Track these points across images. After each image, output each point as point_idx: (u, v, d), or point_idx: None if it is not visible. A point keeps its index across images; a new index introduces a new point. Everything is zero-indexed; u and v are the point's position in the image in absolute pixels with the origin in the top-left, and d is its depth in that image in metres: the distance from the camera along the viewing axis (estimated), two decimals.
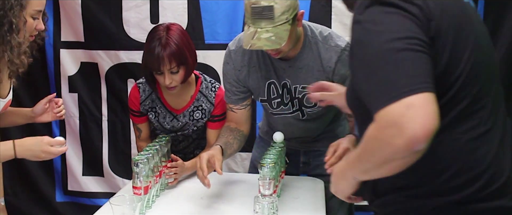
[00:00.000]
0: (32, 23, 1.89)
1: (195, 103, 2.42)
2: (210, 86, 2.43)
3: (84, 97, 3.27)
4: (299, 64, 2.13)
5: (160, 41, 2.20)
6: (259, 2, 1.87)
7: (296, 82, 2.17)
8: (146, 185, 1.89)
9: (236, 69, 2.22)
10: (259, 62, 2.19)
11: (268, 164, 1.87)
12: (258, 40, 1.88)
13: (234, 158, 3.19)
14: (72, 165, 3.34)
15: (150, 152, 1.97)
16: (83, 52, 3.21)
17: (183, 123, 2.43)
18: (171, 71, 2.22)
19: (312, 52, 2.10)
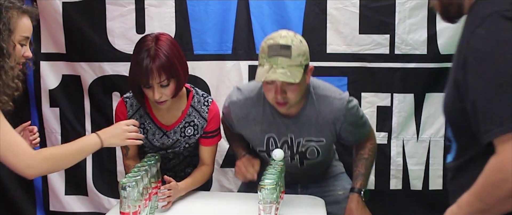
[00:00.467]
0: (20, 49, 1.83)
1: (187, 119, 2.27)
2: (202, 101, 2.29)
3: (66, 112, 3.09)
4: (302, 120, 2.16)
5: (149, 52, 2.05)
6: (277, 41, 1.97)
7: (300, 136, 2.20)
8: (135, 210, 1.73)
9: (233, 119, 2.25)
10: (260, 117, 2.20)
11: (269, 185, 1.72)
12: (273, 73, 1.93)
13: (225, 174, 3.04)
14: (53, 183, 3.16)
15: (138, 174, 1.81)
16: (64, 64, 3.04)
17: (173, 140, 2.28)
18: (160, 84, 2.08)
19: (315, 107, 2.14)
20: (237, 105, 2.23)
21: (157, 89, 2.08)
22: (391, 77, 2.92)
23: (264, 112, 2.19)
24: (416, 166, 3.02)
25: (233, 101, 2.25)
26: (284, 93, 2.00)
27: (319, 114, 2.15)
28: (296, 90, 2.00)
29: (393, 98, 2.94)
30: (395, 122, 2.96)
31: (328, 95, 2.16)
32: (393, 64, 2.90)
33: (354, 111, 2.18)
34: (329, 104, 2.14)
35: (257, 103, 2.21)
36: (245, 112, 2.22)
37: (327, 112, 2.14)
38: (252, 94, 2.23)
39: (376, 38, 2.88)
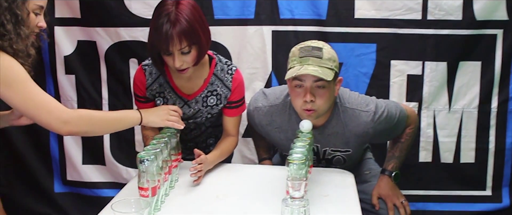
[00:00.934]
0: (34, 18, 1.75)
1: (209, 88, 2.14)
2: (226, 69, 2.16)
3: (82, 79, 2.99)
4: (328, 131, 2.11)
5: (169, 17, 1.91)
6: (308, 44, 1.96)
7: (326, 146, 2.16)
8: (154, 185, 1.62)
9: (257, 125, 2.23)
10: (285, 126, 2.15)
11: (298, 161, 1.59)
12: (305, 70, 1.88)
13: (247, 144, 2.93)
14: (71, 153, 3.08)
15: (157, 146, 1.70)
16: (80, 30, 2.91)
17: (195, 110, 2.16)
18: (181, 51, 1.94)
19: (341, 119, 2.09)
20: (261, 112, 2.18)
21: (178, 57, 1.95)
22: (423, 45, 2.76)
23: (289, 120, 2.13)
24: (447, 138, 2.88)
25: (258, 107, 2.19)
26: (313, 97, 1.92)
27: (346, 126, 2.09)
28: (325, 96, 1.94)
29: (425, 66, 2.79)
30: (426, 92, 2.81)
31: (354, 108, 2.08)
32: (425, 30, 2.75)
33: (382, 120, 2.08)
34: (356, 118, 2.08)
35: (282, 111, 2.15)
36: (269, 119, 2.17)
37: (354, 125, 2.08)
38: (277, 101, 2.16)
39: (407, 2, 2.72)
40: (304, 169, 1.62)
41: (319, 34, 2.76)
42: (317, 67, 1.89)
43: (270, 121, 2.16)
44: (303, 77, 1.91)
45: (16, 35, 1.68)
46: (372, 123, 2.06)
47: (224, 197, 1.85)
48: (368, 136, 2.10)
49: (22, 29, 1.69)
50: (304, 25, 2.79)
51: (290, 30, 2.79)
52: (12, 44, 1.66)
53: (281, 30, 2.79)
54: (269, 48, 2.82)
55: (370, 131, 2.07)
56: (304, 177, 1.58)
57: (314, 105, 1.93)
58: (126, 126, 1.94)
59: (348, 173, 2.10)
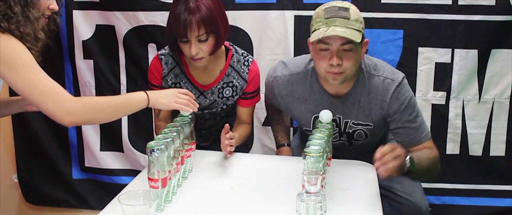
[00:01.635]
0: (45, 1, 1.70)
1: (225, 79, 2.10)
2: (242, 60, 2.12)
3: (100, 64, 2.93)
4: (352, 100, 2.01)
5: (188, 3, 1.89)
6: (334, 4, 1.85)
7: (348, 117, 2.06)
8: (165, 177, 1.55)
9: (277, 96, 2.11)
10: (306, 95, 2.05)
11: (315, 153, 1.50)
12: (332, 31, 1.78)
13: (267, 133, 2.85)
14: (89, 139, 3.05)
15: (169, 135, 1.62)
16: (98, 14, 2.85)
17: (211, 101, 2.12)
18: (199, 39, 1.92)
19: (365, 87, 1.99)
20: (281, 81, 2.08)
21: (195, 44, 1.92)
22: (452, 31, 2.63)
23: (311, 89, 2.03)
24: (477, 129, 2.76)
25: (277, 76, 2.09)
26: (340, 60, 1.81)
27: (369, 94, 1.98)
28: (352, 59, 1.83)
29: (454, 54, 2.66)
30: (455, 81, 2.69)
31: (380, 75, 1.97)
32: (455, 16, 2.61)
33: (404, 98, 1.95)
34: (379, 85, 1.97)
35: (303, 80, 2.04)
36: (290, 88, 2.07)
37: (376, 93, 1.97)
38: (298, 70, 2.06)
39: None
40: (322, 162, 1.53)
41: None
42: (344, 29, 1.78)
43: (290, 90, 2.06)
44: (329, 40, 1.80)
45: (24, 17, 1.62)
46: (392, 91, 1.93)
47: (238, 190, 1.77)
48: (385, 107, 1.96)
49: (31, 12, 1.64)
50: None
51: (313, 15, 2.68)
52: (20, 27, 1.61)
53: (304, 15, 2.68)
54: (291, 34, 2.72)
55: (387, 101, 1.95)
56: (321, 171, 1.49)
57: (341, 68, 1.83)
58: (133, 109, 1.85)
59: (370, 166, 1.99)
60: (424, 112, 2.68)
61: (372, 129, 2.06)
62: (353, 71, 1.89)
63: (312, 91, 2.03)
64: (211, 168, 1.96)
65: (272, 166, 2.05)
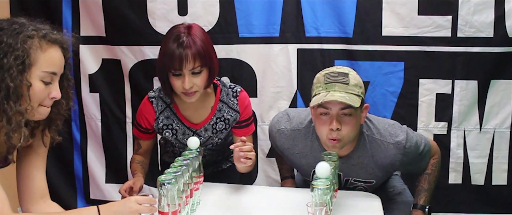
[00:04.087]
0: (41, 88, 1.45)
1: (217, 115, 2.13)
2: (231, 93, 2.14)
3: (106, 98, 2.99)
4: (353, 161, 2.04)
5: (183, 37, 1.93)
6: (334, 69, 1.90)
7: (349, 175, 2.09)
8: (175, 210, 1.57)
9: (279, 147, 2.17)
10: (307, 151, 2.08)
11: (323, 185, 1.54)
12: (331, 96, 1.81)
13: (271, 164, 2.88)
14: (94, 171, 3.07)
15: (178, 169, 1.66)
16: (104, 48, 2.92)
17: (205, 138, 2.15)
18: (193, 71, 1.93)
19: (367, 150, 2.01)
20: (284, 135, 2.12)
21: (189, 78, 1.93)
22: (452, 63, 2.68)
23: (312, 147, 2.06)
24: (478, 159, 2.79)
25: (280, 130, 2.13)
26: (339, 125, 1.84)
27: (372, 157, 2.02)
28: (351, 124, 1.87)
29: (454, 85, 2.71)
30: (456, 111, 2.73)
31: (383, 140, 2.00)
32: (455, 48, 2.67)
33: (411, 152, 2.02)
34: (384, 150, 2.00)
35: (305, 137, 2.08)
36: (291, 143, 2.10)
37: (381, 157, 2.01)
38: (301, 126, 2.10)
39: (436, 19, 2.64)
40: (329, 194, 1.56)
41: (345, 52, 2.71)
42: (344, 94, 1.81)
43: (291, 144, 2.10)
44: (329, 105, 1.84)
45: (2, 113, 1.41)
46: (400, 156, 1.99)
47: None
48: (394, 168, 2.04)
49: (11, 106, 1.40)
50: (330, 43, 2.73)
51: (316, 48, 2.74)
52: None
53: (306, 48, 2.74)
54: (294, 67, 2.77)
55: (397, 163, 2.00)
56: (325, 203, 1.52)
57: (340, 134, 1.86)
58: None
59: (375, 197, 2.03)
60: None
61: (373, 185, 2.10)
62: (352, 136, 1.91)
63: (313, 148, 2.06)
64: (218, 200, 1.99)
65: (278, 197, 2.07)
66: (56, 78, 1.51)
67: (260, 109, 2.83)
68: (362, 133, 2.00)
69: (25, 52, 1.41)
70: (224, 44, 2.77)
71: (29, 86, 1.42)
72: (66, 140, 3.00)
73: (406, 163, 2.03)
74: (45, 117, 1.52)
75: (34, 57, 1.43)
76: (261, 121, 2.83)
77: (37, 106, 1.47)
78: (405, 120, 2.62)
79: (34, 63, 1.43)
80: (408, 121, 2.66)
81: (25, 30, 1.44)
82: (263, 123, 2.82)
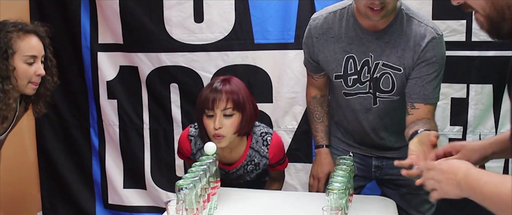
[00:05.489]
0: (26, 69, 1.94)
1: (247, 159, 2.18)
2: (260, 141, 2.18)
3: (123, 104, 3.03)
4: (387, 38, 2.01)
5: (220, 80, 2.06)
6: None
7: (379, 58, 2.04)
8: (193, 214, 1.61)
9: (313, 37, 2.11)
10: (341, 33, 2.06)
11: (338, 189, 1.56)
12: None
13: (288, 169, 2.88)
14: (112, 176, 3.12)
15: (196, 174, 1.69)
16: (122, 55, 2.97)
17: (237, 175, 2.21)
18: (224, 113, 2.00)
19: (402, 27, 1.99)
20: (318, 20, 2.12)
21: (219, 118, 2.00)
22: (467, 67, 2.68)
23: (347, 26, 2.05)
24: (494, 163, 2.74)
25: (314, 17, 2.14)
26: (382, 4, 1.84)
27: (405, 35, 1.99)
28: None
29: (469, 89, 2.71)
30: (471, 115, 2.73)
31: (419, 20, 2.00)
32: (470, 52, 2.67)
33: (438, 48, 1.98)
34: (417, 28, 1.99)
35: (339, 18, 2.08)
36: (325, 27, 2.09)
37: (412, 35, 1.98)
38: (335, 9, 2.10)
39: (451, 24, 2.65)
40: (344, 198, 1.58)
41: None
42: None
43: (326, 29, 2.09)
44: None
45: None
46: (430, 38, 1.96)
47: None
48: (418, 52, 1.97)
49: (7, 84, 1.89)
50: None
51: None
52: None
53: None
54: None
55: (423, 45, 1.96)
56: (341, 207, 1.54)
57: (383, 3, 1.85)
58: None
59: (390, 201, 2.04)
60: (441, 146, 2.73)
61: (400, 76, 2.04)
62: (394, 4, 1.91)
63: (347, 28, 2.05)
64: (235, 205, 2.01)
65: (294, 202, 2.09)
66: (37, 59, 1.97)
67: (276, 115, 2.85)
68: (401, 10, 2.00)
69: (6, 44, 1.88)
70: (240, 50, 2.81)
71: (13, 69, 1.89)
72: (84, 145, 3.10)
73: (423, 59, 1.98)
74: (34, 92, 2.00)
75: (15, 46, 1.90)
76: (276, 126, 2.85)
77: (26, 84, 1.95)
78: None
79: (16, 50, 1.91)
80: None
81: (6, 27, 1.91)
82: (278, 128, 2.85)
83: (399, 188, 2.24)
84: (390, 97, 2.08)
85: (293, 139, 2.86)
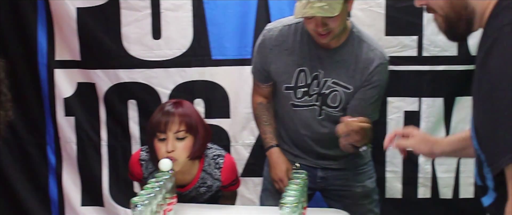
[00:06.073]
0: None
1: (200, 181, 2.18)
2: (213, 164, 2.19)
3: (81, 121, 3.01)
4: (338, 57, 2.07)
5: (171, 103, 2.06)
6: None
7: (329, 75, 2.10)
8: None
9: (267, 47, 2.14)
10: (295, 47, 2.11)
11: (291, 203, 1.60)
12: (310, 8, 1.86)
13: (245, 184, 2.92)
14: (69, 194, 3.07)
15: (152, 191, 1.70)
16: (79, 72, 2.95)
17: (190, 197, 2.21)
18: (177, 136, 2.00)
19: (353, 48, 2.06)
20: (272, 32, 2.15)
21: (172, 141, 2.00)
22: (419, 81, 2.77)
23: (301, 40, 2.10)
24: (446, 173, 2.87)
25: (269, 28, 2.18)
26: (325, 25, 1.92)
27: (356, 56, 2.06)
28: (338, 20, 1.93)
29: (421, 102, 2.80)
30: (424, 127, 2.81)
31: (370, 44, 2.08)
32: (421, 67, 2.76)
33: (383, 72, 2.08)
34: (367, 51, 2.06)
35: (294, 31, 2.12)
36: (280, 39, 2.13)
37: (363, 57, 2.06)
38: (290, 22, 2.14)
39: (403, 39, 2.73)
40: (297, 212, 1.62)
41: None
42: (323, 3, 1.85)
43: (281, 41, 2.12)
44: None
45: None
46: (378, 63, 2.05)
47: None
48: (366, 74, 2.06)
49: None
50: None
51: None
52: None
53: None
54: None
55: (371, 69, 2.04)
56: None
57: (328, 29, 1.93)
58: None
59: (344, 213, 2.09)
60: (396, 158, 2.81)
61: (348, 94, 2.10)
62: (341, 28, 1.98)
63: (301, 42, 2.10)
64: None
65: None
66: None
67: (233, 130, 2.88)
68: (352, 32, 2.07)
69: None
70: (198, 66, 2.83)
71: None
72: (41, 163, 3.06)
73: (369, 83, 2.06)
74: None
75: None
76: (234, 141, 2.88)
77: None
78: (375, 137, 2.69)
79: None
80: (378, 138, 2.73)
81: None
82: (236, 143, 2.88)
83: (343, 199, 2.30)
84: (335, 112, 2.14)
85: (251, 153, 2.89)
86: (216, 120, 2.87)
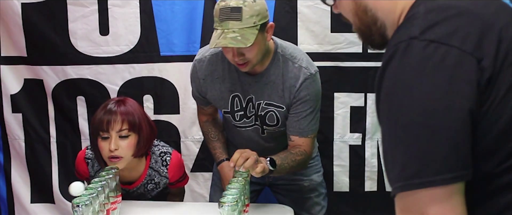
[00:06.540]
0: None
1: (147, 178, 2.19)
2: (160, 161, 2.20)
3: (29, 118, 2.98)
4: (265, 80, 2.08)
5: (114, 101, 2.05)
6: (228, 3, 1.87)
7: (260, 99, 2.11)
8: None
9: (200, 78, 2.15)
10: (224, 74, 2.11)
11: (230, 202, 1.63)
12: (223, 39, 1.85)
13: (196, 179, 2.95)
14: (18, 192, 3.05)
15: (94, 190, 1.71)
16: (26, 68, 2.91)
17: (138, 194, 2.22)
18: (120, 134, 1.99)
19: (280, 68, 2.05)
20: (202, 63, 2.15)
21: (115, 140, 1.99)
22: (364, 77, 2.83)
23: (229, 68, 2.10)
24: None
25: (198, 59, 2.17)
26: (242, 55, 1.92)
27: (282, 76, 2.06)
28: (254, 50, 1.91)
29: (367, 98, 2.86)
30: (369, 122, 2.88)
31: (294, 61, 2.06)
32: (366, 63, 2.81)
33: (311, 86, 2.06)
34: (292, 69, 2.05)
35: (222, 59, 2.11)
36: (210, 69, 2.13)
37: (289, 76, 2.05)
38: (217, 51, 2.12)
39: (348, 36, 2.78)
40: (237, 210, 1.65)
41: None
42: (237, 33, 1.84)
43: (211, 70, 2.13)
44: None
45: None
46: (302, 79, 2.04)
47: None
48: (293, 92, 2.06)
49: None
50: None
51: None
52: None
53: None
54: None
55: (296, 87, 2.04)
56: None
57: (245, 59, 1.93)
58: None
59: (288, 208, 2.14)
60: (343, 152, 2.87)
61: (282, 112, 2.12)
62: (259, 58, 1.97)
63: (230, 69, 2.10)
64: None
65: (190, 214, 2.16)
66: None
67: (183, 125, 2.90)
68: (276, 52, 2.06)
69: None
70: (146, 62, 2.84)
71: None
72: None
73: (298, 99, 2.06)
74: None
75: None
76: (184, 137, 2.90)
77: None
78: (322, 131, 2.74)
79: None
80: (325, 133, 2.80)
81: None
82: (186, 139, 2.90)
83: (290, 193, 2.34)
84: (276, 129, 2.18)
85: (201, 149, 2.91)
86: (166, 115, 2.89)
